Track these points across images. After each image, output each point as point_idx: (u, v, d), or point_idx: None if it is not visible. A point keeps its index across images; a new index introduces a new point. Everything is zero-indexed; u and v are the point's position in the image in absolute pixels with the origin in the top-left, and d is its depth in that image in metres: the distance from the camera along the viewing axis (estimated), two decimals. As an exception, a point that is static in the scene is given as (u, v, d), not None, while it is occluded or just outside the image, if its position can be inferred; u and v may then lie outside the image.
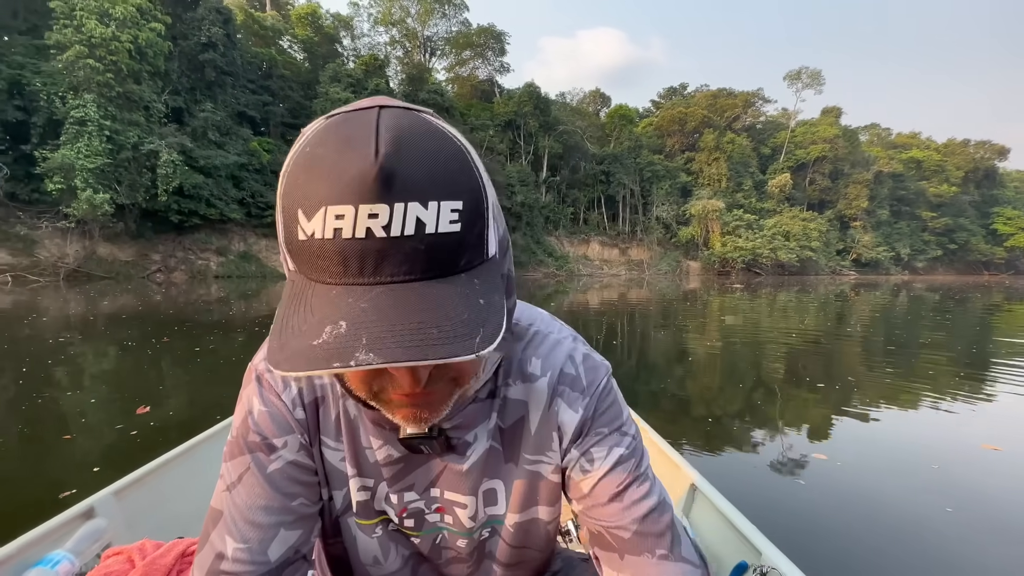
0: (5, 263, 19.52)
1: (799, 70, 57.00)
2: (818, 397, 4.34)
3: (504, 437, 0.57)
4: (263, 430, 0.52)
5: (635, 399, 4.32)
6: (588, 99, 59.03)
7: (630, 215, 48.44)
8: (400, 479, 0.56)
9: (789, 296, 18.98)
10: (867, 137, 67.13)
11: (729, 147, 50.52)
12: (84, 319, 9.27)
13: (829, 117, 57.33)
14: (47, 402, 4.04)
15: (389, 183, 0.32)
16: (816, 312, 12.77)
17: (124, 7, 20.65)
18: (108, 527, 1.22)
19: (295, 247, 0.35)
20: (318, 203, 0.33)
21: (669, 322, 10.42)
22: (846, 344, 7.50)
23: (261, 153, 28.11)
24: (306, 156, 0.35)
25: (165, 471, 1.53)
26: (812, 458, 2.92)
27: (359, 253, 0.33)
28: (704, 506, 1.35)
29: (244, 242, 28.05)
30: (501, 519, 0.59)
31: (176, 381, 4.72)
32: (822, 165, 53.87)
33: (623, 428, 0.56)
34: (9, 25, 22.15)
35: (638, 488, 0.53)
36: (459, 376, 0.44)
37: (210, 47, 26.28)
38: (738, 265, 45.13)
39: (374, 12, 41.02)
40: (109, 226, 21.74)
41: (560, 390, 0.56)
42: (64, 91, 19.81)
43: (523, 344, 0.57)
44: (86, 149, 19.35)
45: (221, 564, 0.49)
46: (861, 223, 54.32)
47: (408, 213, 0.32)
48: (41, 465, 2.81)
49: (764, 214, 49.55)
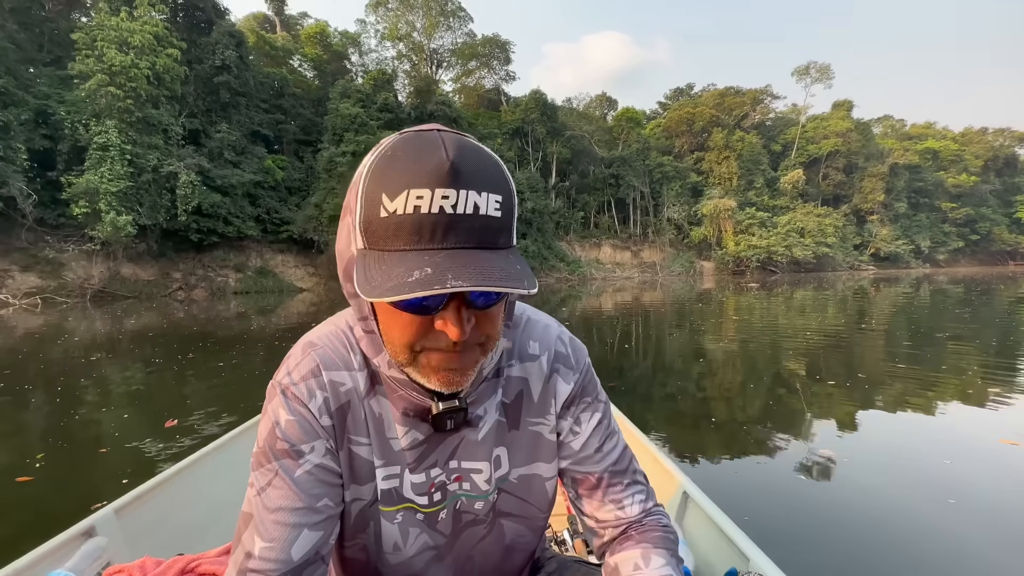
0: (34, 286, 20.23)
1: (807, 65, 56.33)
2: (838, 395, 4.32)
3: (508, 410, 0.67)
4: (290, 437, 0.56)
5: (650, 404, 4.35)
6: (595, 103, 59.11)
7: (641, 217, 48.19)
8: (424, 459, 0.62)
9: (806, 293, 18.70)
10: (880, 129, 65.95)
11: (739, 145, 50.05)
12: (113, 338, 9.59)
13: (840, 111, 56.47)
14: (83, 418, 4.23)
15: (457, 175, 0.44)
16: (835, 308, 12.59)
17: (142, 35, 21.42)
18: (109, 545, 1.22)
19: (375, 224, 0.46)
20: (402, 187, 0.44)
21: (683, 323, 10.38)
22: (867, 340, 7.41)
23: (275, 170, 28.75)
24: (387, 158, 0.46)
25: (164, 489, 1.53)
26: (830, 457, 2.94)
27: (432, 224, 0.44)
28: (695, 513, 1.37)
29: (261, 258, 28.63)
30: (506, 477, 0.67)
31: (202, 395, 4.89)
32: (835, 159, 53.02)
33: (599, 397, 0.72)
34: (35, 58, 23.09)
35: (611, 441, 0.69)
36: (486, 341, 0.53)
37: (224, 70, 27.04)
38: (753, 263, 44.53)
39: (381, 28, 41.79)
40: (132, 247, 22.42)
41: (556, 367, 0.69)
42: (87, 118, 20.56)
43: (520, 330, 0.69)
44: (109, 173, 20.03)
45: (249, 562, 0.53)
46: (878, 217, 53.24)
47: (469, 198, 0.44)
48: (78, 478, 2.97)
49: (777, 211, 48.89)
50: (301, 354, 0.60)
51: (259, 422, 0.60)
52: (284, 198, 29.57)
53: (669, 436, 3.44)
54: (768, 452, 3.06)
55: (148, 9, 22.89)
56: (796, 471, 2.75)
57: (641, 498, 0.69)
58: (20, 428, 4.05)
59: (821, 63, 56.39)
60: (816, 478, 2.66)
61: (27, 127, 19.89)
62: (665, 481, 1.54)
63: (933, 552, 1.97)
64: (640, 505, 0.68)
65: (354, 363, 0.61)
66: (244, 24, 36.30)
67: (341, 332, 0.62)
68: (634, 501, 0.68)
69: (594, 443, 0.68)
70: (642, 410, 4.03)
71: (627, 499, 0.68)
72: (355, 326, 0.61)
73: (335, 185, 27.77)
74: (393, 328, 0.51)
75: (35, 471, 3.03)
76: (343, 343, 0.61)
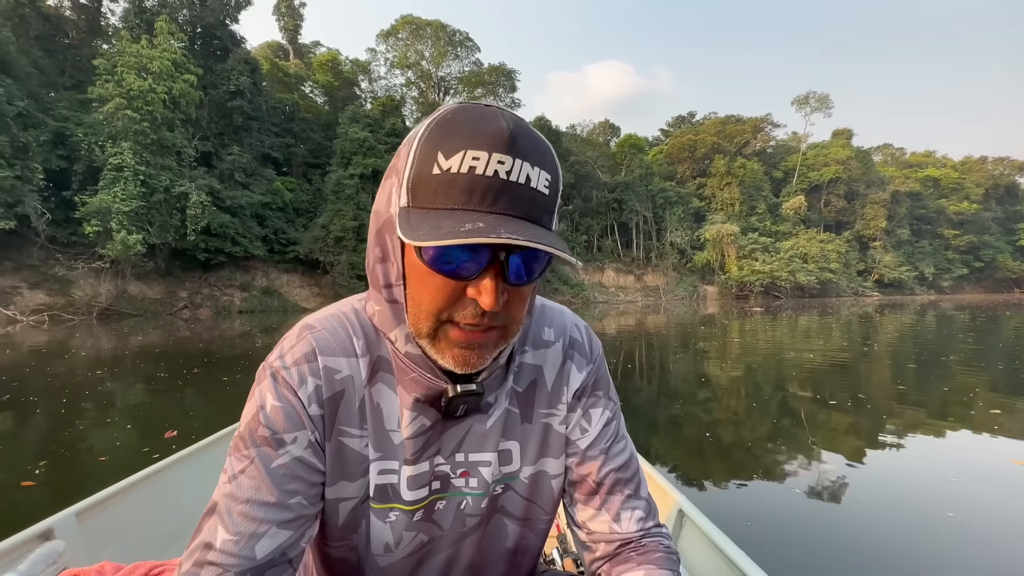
0: (42, 303, 20.41)
1: (807, 95, 57.63)
2: (844, 419, 4.30)
3: (520, 400, 0.64)
4: (274, 424, 0.53)
5: (655, 427, 4.34)
6: (598, 130, 60.28)
7: (644, 241, 48.52)
8: (427, 447, 0.59)
9: (811, 318, 18.64)
10: (880, 157, 66.80)
11: (740, 172, 50.73)
12: (118, 355, 9.63)
13: (840, 139, 57.38)
14: (86, 429, 4.27)
15: (514, 143, 0.44)
16: (840, 334, 12.54)
17: (161, 62, 22.18)
18: (66, 550, 1.15)
19: (424, 180, 0.45)
20: (459, 147, 0.44)
21: (688, 347, 10.36)
22: (873, 365, 7.38)
23: (284, 192, 29.28)
24: (447, 120, 0.46)
25: (129, 494, 1.46)
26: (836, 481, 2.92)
27: (484, 187, 0.43)
28: (691, 532, 1.32)
29: (267, 277, 28.85)
30: (515, 475, 0.63)
31: (204, 409, 4.91)
32: (836, 186, 53.55)
33: (610, 394, 0.68)
34: (56, 82, 23.90)
35: (618, 444, 0.66)
36: (510, 324, 0.51)
37: (238, 95, 27.86)
38: (756, 288, 44.54)
39: (390, 57, 43.12)
40: (140, 265, 22.68)
41: (571, 353, 0.66)
42: (103, 140, 21.13)
43: (534, 316, 0.66)
44: (122, 193, 20.45)
45: (208, 554, 0.49)
46: (881, 243, 53.41)
47: (523, 169, 0.45)
48: (76, 484, 2.99)
49: (780, 237, 49.16)
50: (297, 337, 0.57)
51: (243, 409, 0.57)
52: (292, 219, 30.01)
53: (673, 460, 3.42)
54: (772, 476, 3.04)
55: (167, 37, 23.77)
56: (800, 494, 2.73)
57: (641, 515, 0.64)
58: (25, 438, 4.08)
59: (820, 93, 57.66)
60: (821, 500, 2.65)
61: (45, 148, 20.44)
62: (659, 499, 1.47)
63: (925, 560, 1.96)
64: (639, 523, 0.63)
65: (355, 349, 0.57)
66: (259, 52, 37.56)
67: (343, 316, 0.59)
68: (632, 516, 0.63)
69: (600, 444, 0.65)
70: (646, 434, 4.00)
71: (625, 512, 0.63)
72: (365, 304, 0.60)
73: (342, 207, 28.20)
74: (423, 293, 0.49)
75: (35, 476, 3.07)
76: (344, 328, 0.58)
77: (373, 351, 0.58)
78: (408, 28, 41.91)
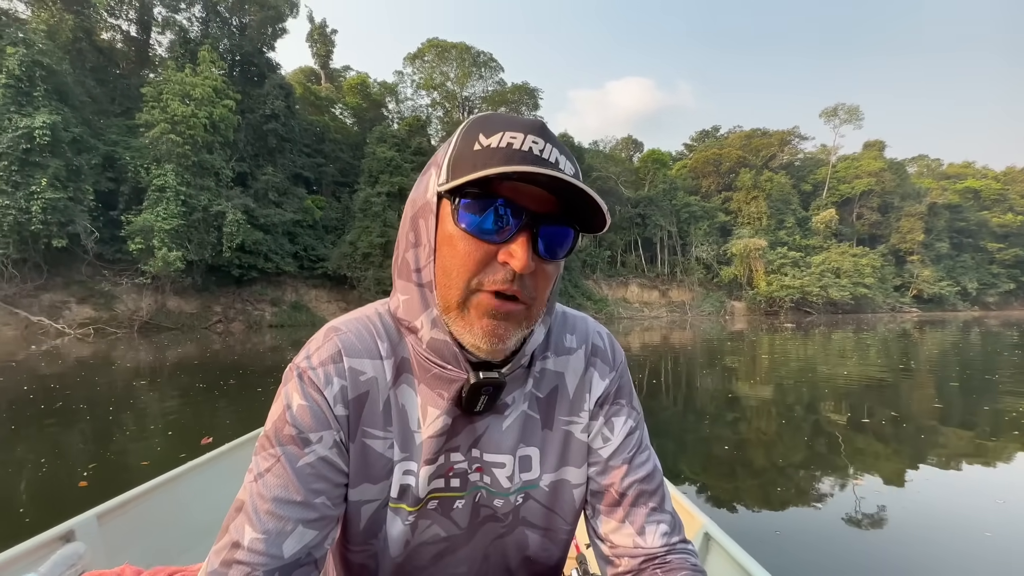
0: (88, 317, 21.47)
1: (835, 106, 56.40)
2: (882, 442, 4.17)
3: (541, 405, 0.64)
4: (300, 424, 0.53)
5: (682, 447, 4.28)
6: (620, 145, 60.36)
7: (668, 256, 47.95)
8: (447, 442, 0.59)
9: (845, 335, 18.01)
10: (916, 169, 64.64)
11: (768, 185, 49.84)
12: (159, 367, 10.06)
13: (872, 151, 55.85)
14: (131, 435, 4.51)
15: (545, 131, 0.50)
16: (877, 352, 12.08)
17: (203, 88, 23.43)
18: (87, 552, 1.16)
19: (467, 156, 0.49)
20: (498, 129, 0.49)
21: (715, 364, 10.16)
22: (913, 385, 7.10)
23: (314, 210, 30.20)
24: (485, 115, 0.52)
25: (149, 498, 1.47)
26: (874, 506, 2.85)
27: (521, 156, 0.48)
28: (718, 555, 1.29)
29: (296, 293, 29.66)
30: (535, 483, 0.63)
31: (239, 417, 5.12)
32: (869, 199, 51.97)
33: (634, 403, 0.68)
34: (107, 109, 25.48)
35: (641, 455, 0.65)
36: (534, 303, 0.54)
37: (273, 118, 29.10)
38: (786, 304, 43.30)
39: (417, 79, 44.40)
40: (179, 281, 23.64)
41: (593, 360, 0.66)
42: (148, 163, 22.32)
43: (556, 322, 0.67)
44: (164, 212, 21.49)
45: (236, 553, 0.49)
46: (919, 257, 51.33)
47: (553, 152, 0.50)
48: (122, 486, 3.16)
49: (810, 251, 47.85)
50: (323, 338, 0.59)
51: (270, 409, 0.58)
52: (321, 236, 30.88)
53: (700, 481, 3.38)
54: (805, 499, 2.98)
55: (209, 65, 25.13)
56: (836, 519, 2.67)
57: (665, 529, 0.62)
58: (77, 442, 4.32)
59: (850, 105, 56.35)
60: (859, 528, 2.57)
61: (95, 171, 21.70)
62: (684, 521, 1.40)
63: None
64: (664, 537, 0.61)
65: (379, 351, 0.59)
66: (292, 77, 39.26)
67: (368, 319, 0.61)
68: (657, 531, 0.61)
69: (622, 454, 0.64)
70: (673, 455, 3.94)
71: (649, 526, 0.61)
72: (390, 301, 0.61)
73: (369, 224, 28.91)
74: (454, 261, 0.51)
75: (87, 478, 3.27)
76: (369, 330, 0.60)
77: (397, 353, 0.59)
78: (434, 51, 43.17)
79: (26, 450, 4.03)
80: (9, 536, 2.43)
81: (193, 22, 28.67)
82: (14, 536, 2.41)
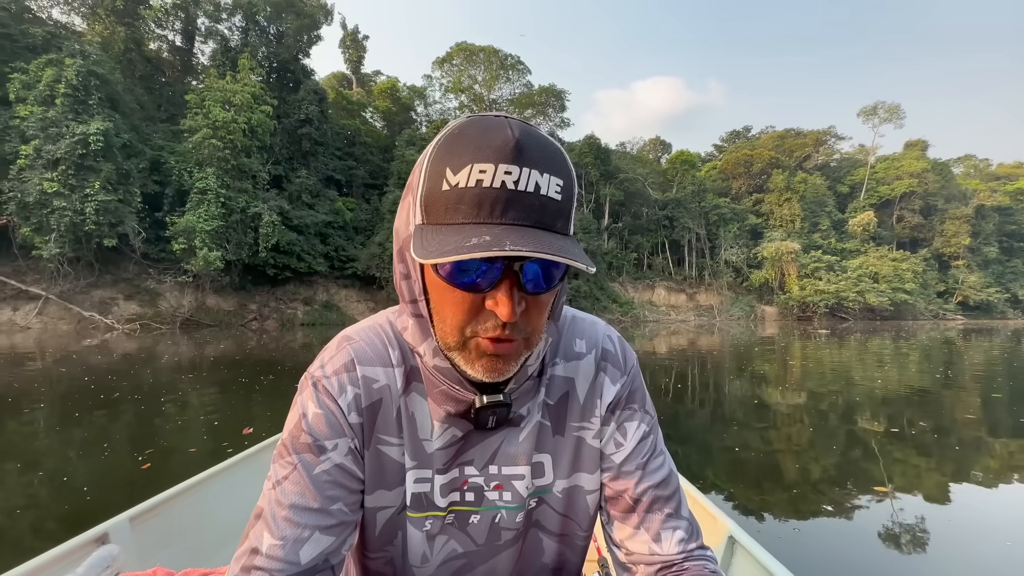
0: (135, 313, 22.65)
1: (875, 105, 54.32)
2: (924, 457, 4.07)
3: (551, 412, 0.63)
4: (315, 432, 0.54)
5: (708, 455, 4.28)
6: (648, 147, 59.72)
7: (696, 259, 47.12)
8: (459, 457, 0.59)
9: (883, 342, 17.39)
10: (962, 169, 61.64)
11: (801, 187, 48.41)
12: (203, 361, 10.59)
13: (914, 151, 53.55)
14: (180, 423, 4.87)
15: (520, 152, 0.44)
16: (918, 361, 11.66)
17: (242, 95, 24.44)
18: (121, 554, 1.19)
19: (435, 197, 0.45)
20: (466, 162, 0.44)
21: (744, 370, 10.02)
22: (958, 397, 6.87)
23: (344, 212, 31.03)
24: (454, 136, 0.46)
25: (180, 500, 1.51)
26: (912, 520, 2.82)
27: (492, 198, 0.43)
28: (744, 559, 1.27)
29: (327, 292, 30.53)
30: (548, 488, 0.63)
31: (276, 409, 5.41)
32: (910, 201, 49.87)
33: (647, 407, 0.66)
34: (154, 116, 26.86)
35: (656, 460, 0.63)
36: (531, 335, 0.51)
37: (307, 123, 30.08)
38: (820, 309, 41.96)
39: (445, 82, 45.04)
40: (218, 280, 24.71)
41: (604, 365, 0.65)
42: (191, 166, 23.43)
43: (565, 328, 0.66)
44: (205, 214, 22.51)
45: (255, 559, 0.50)
46: (964, 262, 48.92)
47: (531, 176, 0.44)
48: (173, 472, 3.42)
49: (846, 255, 46.22)
50: (336, 347, 0.60)
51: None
52: (351, 237, 31.70)
53: (727, 490, 3.35)
54: (838, 512, 2.93)
55: (248, 73, 26.19)
56: (868, 533, 2.64)
57: (682, 536, 0.60)
58: (135, 429, 4.67)
59: (890, 103, 54.17)
60: (900, 549, 2.51)
61: (143, 174, 22.92)
62: (709, 525, 1.41)
63: None
64: (680, 544, 0.60)
65: (391, 359, 0.59)
66: (326, 82, 40.40)
67: (379, 327, 0.62)
68: (673, 537, 0.60)
69: (636, 459, 0.62)
70: (700, 462, 3.90)
71: (665, 532, 0.60)
72: (398, 318, 0.61)
73: (397, 225, 29.52)
74: (445, 307, 0.50)
75: (146, 461, 3.62)
76: (380, 339, 0.60)
77: (407, 361, 0.60)
78: (462, 54, 43.71)
79: (92, 435, 4.39)
80: (74, 515, 2.69)
81: (233, 31, 29.96)
82: (78, 516, 2.66)
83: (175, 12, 28.95)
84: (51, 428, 4.64)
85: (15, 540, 2.50)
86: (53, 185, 19.26)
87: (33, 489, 3.17)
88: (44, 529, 2.59)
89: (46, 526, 2.63)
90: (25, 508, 2.89)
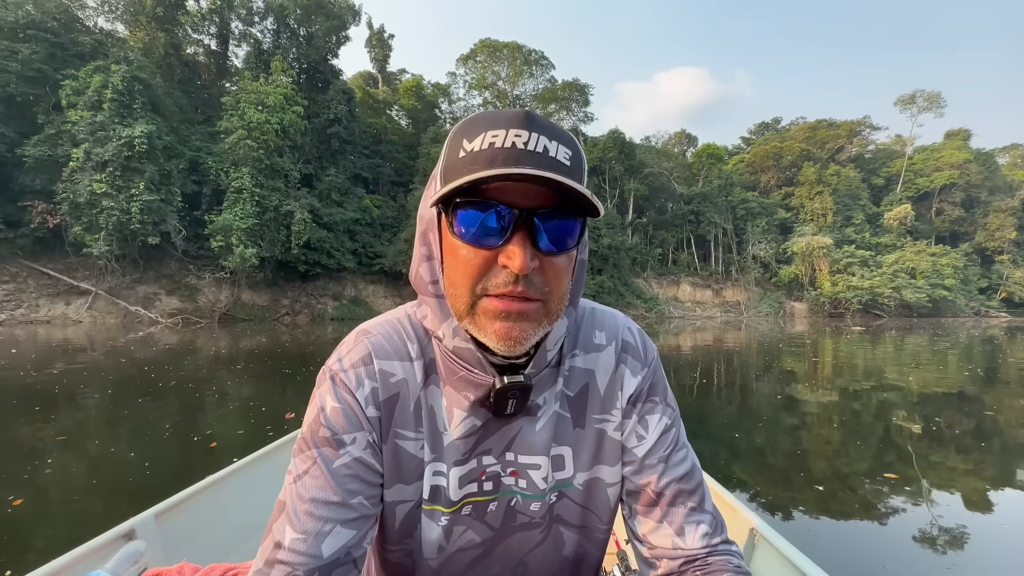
0: (176, 307, 23.75)
1: (913, 93, 52.04)
2: (963, 460, 4.02)
3: (571, 404, 0.63)
4: (334, 426, 0.55)
5: (735, 453, 4.22)
6: (673, 140, 58.76)
7: (723, 255, 46.27)
8: (477, 446, 0.59)
9: (920, 340, 16.88)
10: (1007, 159, 58.51)
11: (833, 180, 46.90)
12: (244, 354, 11.13)
13: (955, 140, 51.19)
14: (232, 408, 5.31)
15: (530, 121, 0.47)
16: (958, 360, 11.34)
17: (275, 96, 25.20)
18: (147, 549, 1.20)
19: (453, 164, 0.49)
20: (480, 130, 0.48)
21: (772, 367, 9.96)
22: (1001, 399, 6.72)
23: (372, 209, 31.68)
24: (469, 119, 0.51)
25: (203, 496, 1.52)
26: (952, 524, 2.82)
27: (504, 155, 0.46)
28: (767, 552, 1.25)
29: (355, 288, 31.29)
30: (569, 481, 0.62)
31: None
32: (950, 193, 47.76)
33: (668, 400, 0.66)
34: (192, 118, 27.94)
35: (678, 453, 0.63)
36: (549, 297, 0.51)
37: (336, 122, 30.77)
38: (853, 306, 40.68)
39: (469, 79, 45.27)
40: (252, 276, 25.66)
41: (624, 357, 0.65)
42: (227, 166, 24.34)
43: (584, 319, 0.66)
44: (241, 212, 23.38)
45: (278, 553, 0.50)
46: (1009, 256, 46.62)
47: (540, 140, 0.47)
48: (225, 454, 3.77)
49: (881, 250, 44.63)
50: (354, 341, 0.60)
51: None
52: (378, 234, 32.37)
53: (754, 487, 3.34)
54: (875, 516, 2.89)
55: (280, 74, 26.97)
56: (910, 540, 2.60)
57: (706, 530, 0.60)
58: (190, 414, 5.10)
59: (929, 91, 51.79)
60: (938, 551, 2.47)
61: (183, 175, 23.92)
62: (732, 520, 1.39)
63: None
64: (704, 538, 0.59)
65: (409, 353, 0.60)
66: (353, 81, 41.14)
67: (397, 322, 0.62)
68: (697, 532, 0.59)
69: (658, 452, 0.62)
70: (726, 459, 3.87)
71: (689, 527, 0.60)
72: (417, 308, 0.62)
73: (423, 222, 29.95)
74: (457, 269, 0.51)
75: (211, 440, 4.02)
76: (398, 333, 0.61)
77: (426, 355, 0.60)
78: (486, 51, 43.84)
79: (155, 418, 4.81)
80: (156, 483, 3.01)
81: (266, 34, 30.83)
82: (159, 484, 2.96)
83: (211, 16, 29.97)
84: (118, 411, 5.11)
85: (104, 513, 2.83)
86: (102, 186, 20.34)
87: (108, 465, 3.55)
88: (129, 500, 2.92)
89: (135, 498, 2.96)
90: (98, 486, 3.24)
